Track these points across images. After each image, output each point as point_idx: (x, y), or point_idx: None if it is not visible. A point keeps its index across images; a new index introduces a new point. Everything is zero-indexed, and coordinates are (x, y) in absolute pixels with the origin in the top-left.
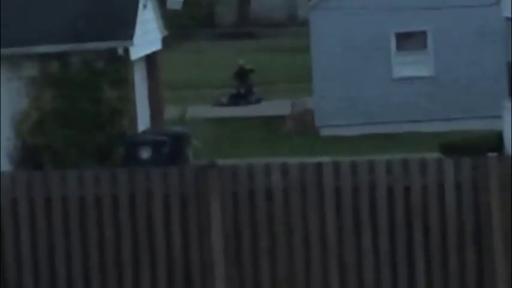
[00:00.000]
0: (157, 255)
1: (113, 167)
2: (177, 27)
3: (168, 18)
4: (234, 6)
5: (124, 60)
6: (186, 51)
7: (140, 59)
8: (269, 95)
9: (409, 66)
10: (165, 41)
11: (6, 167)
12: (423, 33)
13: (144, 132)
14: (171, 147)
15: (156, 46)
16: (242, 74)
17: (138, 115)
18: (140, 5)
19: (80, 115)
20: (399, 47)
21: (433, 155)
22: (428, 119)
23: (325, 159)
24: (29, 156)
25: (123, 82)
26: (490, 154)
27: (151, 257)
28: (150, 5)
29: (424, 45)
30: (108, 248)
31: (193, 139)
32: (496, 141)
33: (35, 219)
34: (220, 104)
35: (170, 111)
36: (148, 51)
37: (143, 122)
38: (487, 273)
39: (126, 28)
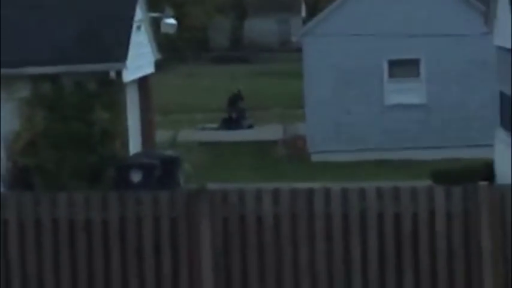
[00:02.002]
0: (147, 279)
1: (103, 190)
2: (170, 51)
3: (162, 41)
4: (227, 31)
5: (116, 82)
6: (178, 75)
7: (133, 81)
8: (261, 120)
9: (401, 94)
10: (158, 64)
11: None
12: (416, 61)
13: (135, 155)
14: (162, 171)
15: (149, 69)
16: (233, 100)
17: (130, 138)
18: (134, 28)
19: (71, 137)
20: (392, 74)
21: (424, 183)
22: (419, 147)
23: (316, 185)
24: (20, 178)
25: (115, 104)
26: (481, 183)
27: (140, 280)
28: (143, 28)
29: (417, 73)
30: (97, 270)
31: (185, 163)
32: (487, 170)
33: (25, 241)
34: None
35: (161, 135)
36: (141, 74)
37: (134, 145)
38: None
39: (119, 51)
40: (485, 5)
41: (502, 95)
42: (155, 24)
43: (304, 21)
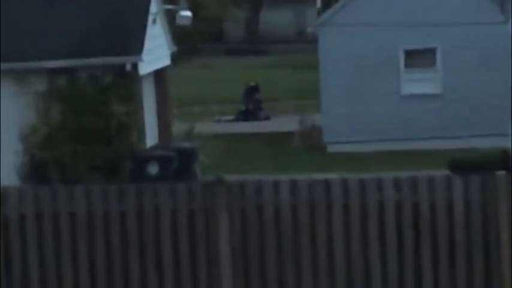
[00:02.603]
0: (165, 272)
1: (120, 183)
2: (186, 43)
3: (177, 33)
4: (242, 22)
5: (132, 75)
6: (194, 67)
7: (149, 74)
8: (277, 111)
9: (418, 84)
10: (173, 56)
11: (14, 181)
12: (432, 51)
13: (152, 147)
14: (179, 163)
15: (165, 61)
16: (250, 91)
17: (146, 130)
18: (149, 21)
19: (88, 130)
20: (408, 64)
21: (441, 173)
22: (436, 137)
23: (333, 175)
24: (37, 171)
25: (132, 97)
26: (498, 172)
27: (158, 273)
28: (159, 21)
29: (433, 63)
30: (115, 264)
31: (201, 155)
32: (504, 159)
33: (43, 234)
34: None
35: (178, 127)
36: (157, 66)
37: (151, 137)
38: None
39: (135, 43)
40: None
41: None
42: (170, 16)
43: (319, 12)
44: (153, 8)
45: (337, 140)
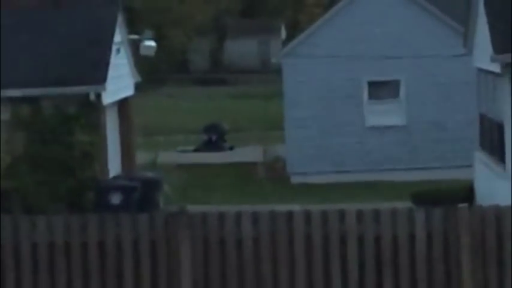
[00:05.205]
0: None
1: (83, 212)
2: (150, 73)
3: (141, 63)
4: (207, 52)
5: (96, 105)
6: (159, 97)
7: (112, 104)
8: (241, 142)
9: (382, 115)
10: (138, 86)
11: None
12: (396, 82)
13: (115, 177)
14: (142, 193)
15: (129, 91)
16: (211, 127)
17: (110, 160)
18: (113, 50)
19: (51, 159)
20: (372, 96)
21: (404, 204)
22: (400, 168)
23: (296, 207)
24: None
25: (95, 127)
26: (460, 205)
27: None
28: (123, 50)
29: (397, 94)
30: None
31: (165, 185)
32: (467, 191)
33: (4, 264)
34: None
35: (142, 157)
36: (120, 96)
37: (114, 167)
38: None
39: (98, 73)
40: (464, 26)
41: (482, 116)
42: (135, 46)
43: (284, 43)
44: (117, 37)
45: (300, 171)
